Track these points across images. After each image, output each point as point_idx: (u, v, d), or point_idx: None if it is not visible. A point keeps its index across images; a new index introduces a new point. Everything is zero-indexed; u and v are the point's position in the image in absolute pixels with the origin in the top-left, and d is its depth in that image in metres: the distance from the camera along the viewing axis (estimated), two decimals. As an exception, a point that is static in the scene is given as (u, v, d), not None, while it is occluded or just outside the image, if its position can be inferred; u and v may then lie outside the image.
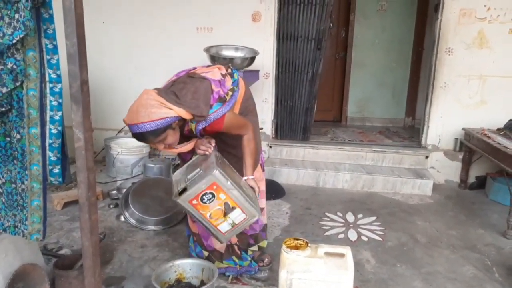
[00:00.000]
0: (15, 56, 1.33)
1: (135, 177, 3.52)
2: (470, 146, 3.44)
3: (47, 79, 1.44)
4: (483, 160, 3.59)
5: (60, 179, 1.55)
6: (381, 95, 5.26)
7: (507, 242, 2.66)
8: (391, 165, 3.79)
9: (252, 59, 3.33)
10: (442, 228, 2.85)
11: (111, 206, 3.03)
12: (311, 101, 3.92)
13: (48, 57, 1.42)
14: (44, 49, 1.41)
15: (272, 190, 3.33)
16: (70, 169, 3.27)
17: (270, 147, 3.96)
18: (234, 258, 2.16)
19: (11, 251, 1.72)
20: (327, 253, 1.69)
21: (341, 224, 2.86)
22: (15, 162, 1.47)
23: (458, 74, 3.61)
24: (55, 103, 1.48)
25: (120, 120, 4.63)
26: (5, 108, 1.40)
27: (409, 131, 4.84)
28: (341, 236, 2.69)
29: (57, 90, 1.48)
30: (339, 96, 5.33)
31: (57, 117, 1.50)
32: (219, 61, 3.26)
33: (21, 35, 1.29)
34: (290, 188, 3.54)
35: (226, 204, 1.69)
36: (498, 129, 3.31)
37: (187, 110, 1.68)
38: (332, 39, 4.91)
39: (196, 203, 1.66)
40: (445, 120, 3.72)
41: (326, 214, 3.03)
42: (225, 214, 1.71)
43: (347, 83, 5.25)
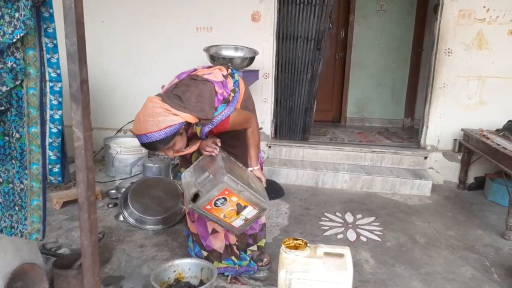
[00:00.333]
0: (15, 55, 1.33)
1: (134, 176, 3.51)
2: (469, 147, 3.45)
3: (47, 78, 1.44)
4: (481, 161, 3.60)
5: (60, 178, 1.55)
6: (380, 96, 5.27)
7: (505, 242, 2.66)
8: (390, 166, 3.79)
9: (252, 59, 3.33)
10: (441, 228, 2.86)
11: (110, 205, 3.03)
12: (310, 101, 3.92)
13: (48, 56, 1.42)
14: (44, 48, 1.41)
15: (271, 190, 3.33)
16: (69, 168, 3.28)
17: (270, 147, 3.96)
18: (233, 258, 2.16)
19: (10, 250, 1.72)
20: (326, 253, 1.69)
21: (340, 224, 2.87)
22: (13, 161, 1.47)
23: (457, 75, 3.62)
24: (55, 102, 1.48)
25: (119, 120, 4.63)
26: (4, 107, 1.40)
27: (408, 131, 4.85)
28: (340, 236, 2.69)
29: (57, 89, 1.47)
30: (338, 96, 5.33)
31: (57, 116, 1.50)
32: (219, 60, 3.26)
33: (21, 34, 1.29)
34: (289, 188, 3.55)
35: (238, 204, 1.75)
36: (497, 130, 3.32)
37: (193, 114, 1.68)
38: (331, 40, 4.92)
39: (210, 208, 1.72)
40: (444, 121, 3.73)
41: (325, 214, 3.03)
42: (238, 212, 1.78)
43: (347, 84, 5.26)
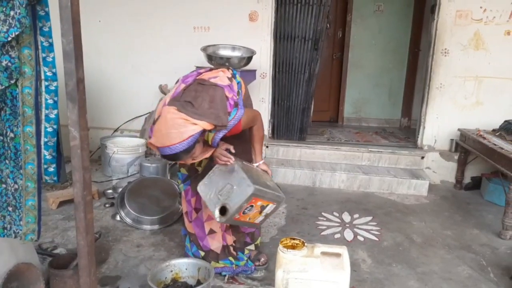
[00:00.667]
0: (10, 53, 1.32)
1: (131, 176, 3.50)
2: (465, 147, 3.46)
3: (42, 77, 1.43)
4: (478, 160, 3.61)
5: (55, 178, 1.54)
6: (377, 96, 5.28)
7: (502, 242, 2.67)
8: (387, 166, 3.80)
9: (249, 59, 3.32)
10: (438, 228, 2.87)
11: (106, 205, 3.01)
12: (308, 101, 3.92)
13: (43, 55, 1.41)
14: (39, 47, 1.40)
15: (269, 190, 3.33)
16: (65, 168, 3.26)
17: (267, 147, 3.96)
18: (231, 258, 2.16)
19: (5, 250, 1.71)
20: (323, 253, 1.69)
21: (337, 224, 2.87)
22: (7, 161, 1.45)
23: (454, 75, 3.63)
24: (50, 101, 1.46)
25: (116, 119, 4.61)
26: (-1, 106, 1.39)
27: (405, 131, 4.86)
28: (337, 236, 2.69)
29: (53, 88, 1.46)
30: (335, 96, 5.33)
31: (52, 115, 1.49)
32: (216, 60, 3.26)
33: (17, 33, 1.28)
34: (286, 188, 3.54)
35: (262, 206, 1.83)
36: (494, 130, 3.33)
37: (209, 122, 1.70)
38: (329, 40, 4.92)
39: (238, 217, 1.79)
40: (441, 121, 3.74)
41: (323, 214, 3.03)
42: (261, 212, 1.87)
43: (344, 84, 5.26)
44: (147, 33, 3.98)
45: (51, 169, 1.53)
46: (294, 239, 1.78)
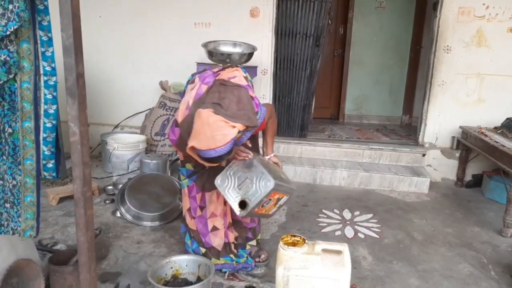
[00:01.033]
0: (9, 47, 1.30)
1: (132, 172, 3.49)
2: (467, 144, 3.45)
3: (41, 71, 1.41)
4: (479, 158, 3.60)
5: (54, 174, 1.53)
6: (378, 93, 5.26)
7: (503, 240, 2.67)
8: (388, 163, 3.79)
9: (250, 55, 3.31)
10: (439, 225, 2.86)
11: (107, 201, 3.01)
12: (309, 98, 3.91)
13: (42, 49, 1.40)
14: (38, 41, 1.38)
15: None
16: (65, 164, 3.26)
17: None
18: (231, 255, 2.15)
19: (5, 246, 1.70)
20: (324, 250, 1.69)
21: (338, 221, 2.86)
22: (4, 157, 1.44)
23: (456, 72, 3.61)
24: (49, 96, 1.45)
25: (116, 115, 4.60)
26: (-3, 101, 1.38)
27: (406, 129, 4.85)
28: (337, 233, 2.68)
29: (52, 83, 1.45)
30: (336, 93, 5.32)
31: (51, 111, 1.47)
32: (217, 56, 3.24)
33: (15, 26, 1.26)
34: (287, 185, 3.54)
35: (277, 199, 1.89)
36: (495, 128, 3.32)
37: (242, 124, 1.72)
38: (330, 36, 4.90)
39: (257, 210, 1.84)
40: (442, 118, 3.72)
41: (323, 211, 3.03)
42: (276, 204, 1.93)
43: (345, 81, 5.24)
44: (147, 29, 3.96)
45: (50, 165, 1.52)
46: (294, 236, 1.77)
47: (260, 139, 2.23)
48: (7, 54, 1.31)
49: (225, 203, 2.12)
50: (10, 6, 1.24)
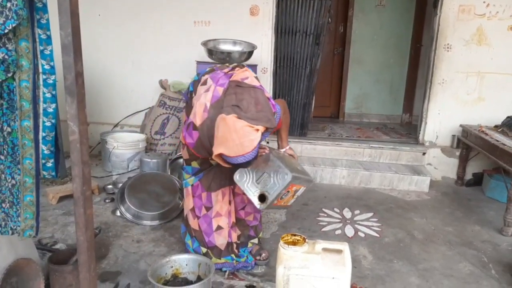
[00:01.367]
0: (7, 46, 1.29)
1: (131, 171, 3.49)
2: (467, 143, 3.44)
3: (40, 70, 1.40)
4: (480, 157, 3.60)
5: (54, 173, 1.52)
6: (378, 92, 5.25)
7: (503, 238, 2.67)
8: (388, 162, 3.79)
9: (250, 54, 3.30)
10: (439, 224, 2.86)
11: (106, 200, 3.00)
12: (309, 97, 3.90)
13: (41, 48, 1.39)
14: (37, 40, 1.37)
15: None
16: (65, 163, 3.25)
17: (267, 142, 3.94)
18: (232, 255, 2.16)
19: (5, 246, 1.69)
20: (324, 249, 1.68)
21: (338, 220, 2.86)
22: (2, 157, 1.43)
23: (456, 70, 3.60)
24: (48, 95, 1.44)
25: (116, 114, 4.58)
26: (-5, 100, 1.37)
27: (407, 127, 4.84)
28: (338, 232, 2.68)
29: (51, 81, 1.44)
30: (336, 92, 5.31)
31: (50, 110, 1.46)
32: (217, 55, 3.23)
33: (14, 25, 1.26)
34: (287, 183, 3.53)
35: (295, 190, 1.94)
36: (496, 126, 3.31)
37: (264, 126, 1.73)
38: (330, 35, 4.89)
39: (276, 202, 1.88)
40: (442, 117, 3.72)
41: (323, 210, 3.02)
42: (294, 195, 1.98)
43: (345, 79, 5.23)
44: (147, 28, 3.94)
45: (49, 164, 1.51)
46: (295, 235, 1.77)
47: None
48: (6, 52, 1.30)
49: (229, 203, 2.12)
50: (8, 4, 1.23)
